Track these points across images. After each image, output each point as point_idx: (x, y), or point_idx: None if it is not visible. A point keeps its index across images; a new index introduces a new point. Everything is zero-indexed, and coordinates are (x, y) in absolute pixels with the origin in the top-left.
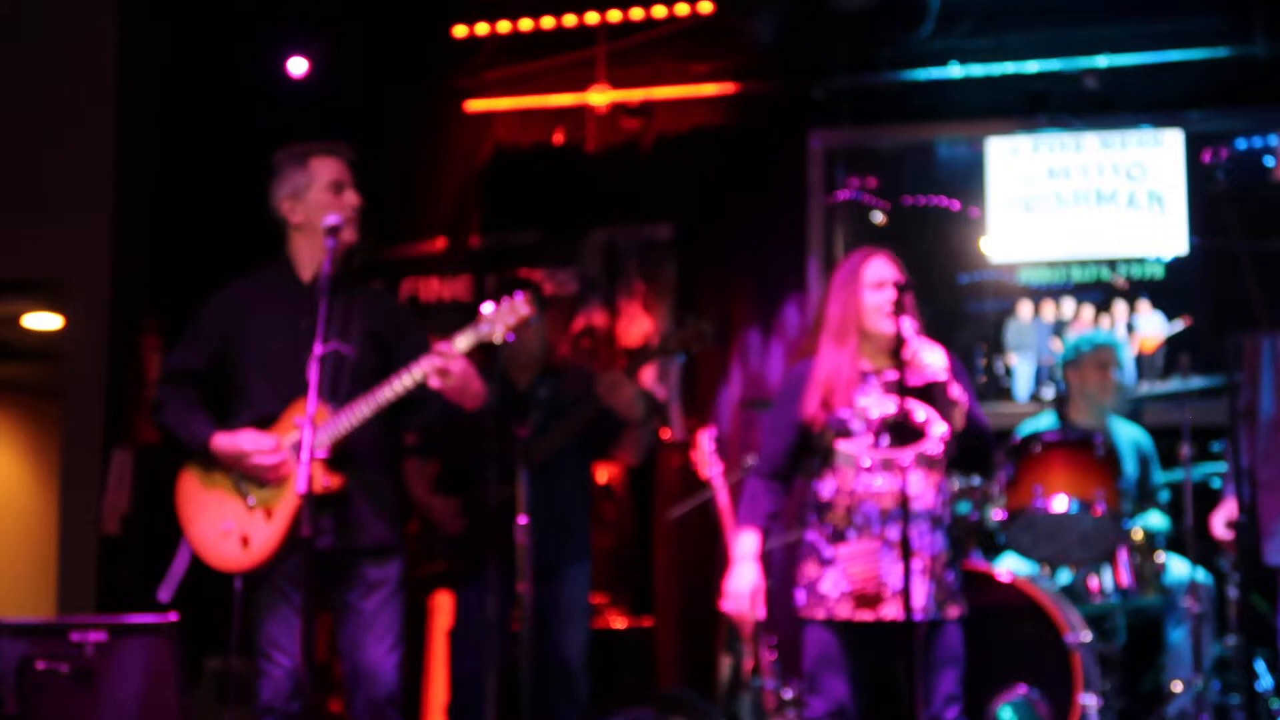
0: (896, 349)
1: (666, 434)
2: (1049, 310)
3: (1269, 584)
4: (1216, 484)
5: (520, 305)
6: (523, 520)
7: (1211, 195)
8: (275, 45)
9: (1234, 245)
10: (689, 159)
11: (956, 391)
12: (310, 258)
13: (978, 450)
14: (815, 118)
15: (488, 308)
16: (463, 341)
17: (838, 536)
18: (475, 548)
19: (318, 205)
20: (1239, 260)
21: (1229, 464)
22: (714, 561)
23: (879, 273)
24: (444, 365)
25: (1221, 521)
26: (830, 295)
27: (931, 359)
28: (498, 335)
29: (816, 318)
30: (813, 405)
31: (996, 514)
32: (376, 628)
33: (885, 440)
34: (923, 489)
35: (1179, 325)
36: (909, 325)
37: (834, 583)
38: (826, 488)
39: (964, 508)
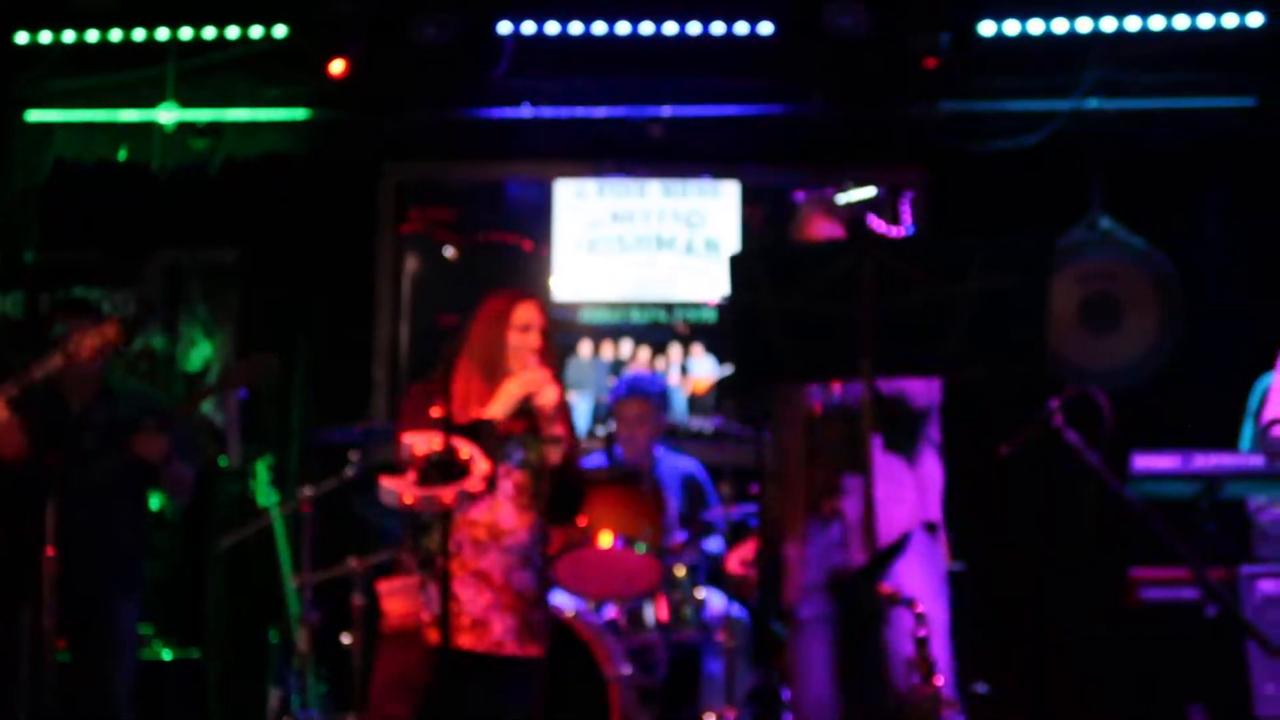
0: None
1: (224, 462)
2: (608, 350)
3: None
4: (754, 524)
5: (108, 330)
6: (50, 551)
7: (737, 253)
8: None
9: (761, 299)
10: (258, 183)
11: (559, 429)
12: None
13: (566, 493)
14: (388, 149)
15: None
16: (49, 364)
17: (427, 563)
18: (10, 576)
19: None
20: (764, 314)
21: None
22: (268, 591)
23: (525, 315)
24: None
25: (737, 559)
26: (475, 330)
27: (547, 395)
28: (81, 357)
29: (456, 347)
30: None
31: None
32: None
33: (431, 477)
34: (515, 524)
35: (728, 369)
36: (534, 363)
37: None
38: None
39: None
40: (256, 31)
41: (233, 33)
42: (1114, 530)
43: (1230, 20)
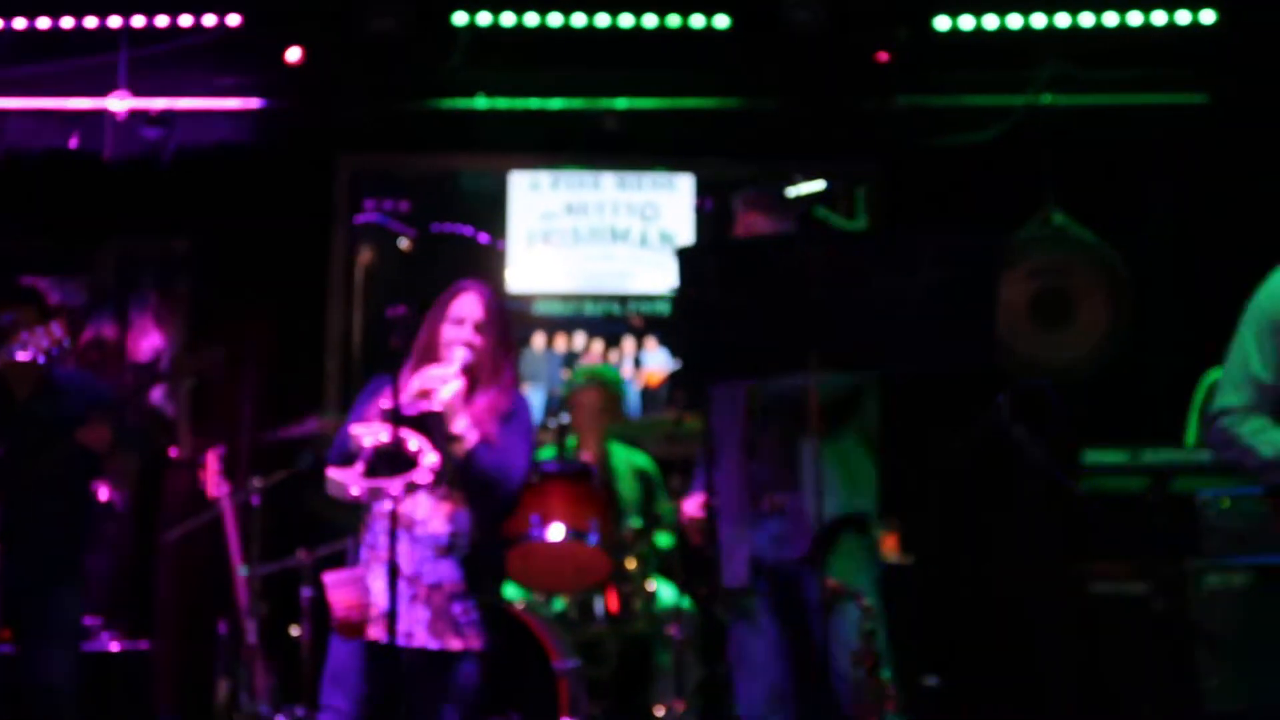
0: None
1: (174, 452)
2: (561, 342)
3: None
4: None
5: (55, 330)
6: None
7: (685, 247)
8: None
9: (708, 294)
10: (211, 173)
11: (460, 426)
12: None
13: (477, 490)
14: (342, 140)
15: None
16: None
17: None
18: None
19: None
20: (713, 307)
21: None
22: (218, 581)
23: (460, 308)
24: None
25: (694, 504)
26: (425, 321)
27: (444, 391)
28: (27, 356)
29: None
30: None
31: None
32: None
33: (378, 469)
34: (429, 515)
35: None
36: (461, 356)
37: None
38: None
39: None
40: (210, 20)
41: (186, 21)
42: (1063, 524)
43: (1183, 17)
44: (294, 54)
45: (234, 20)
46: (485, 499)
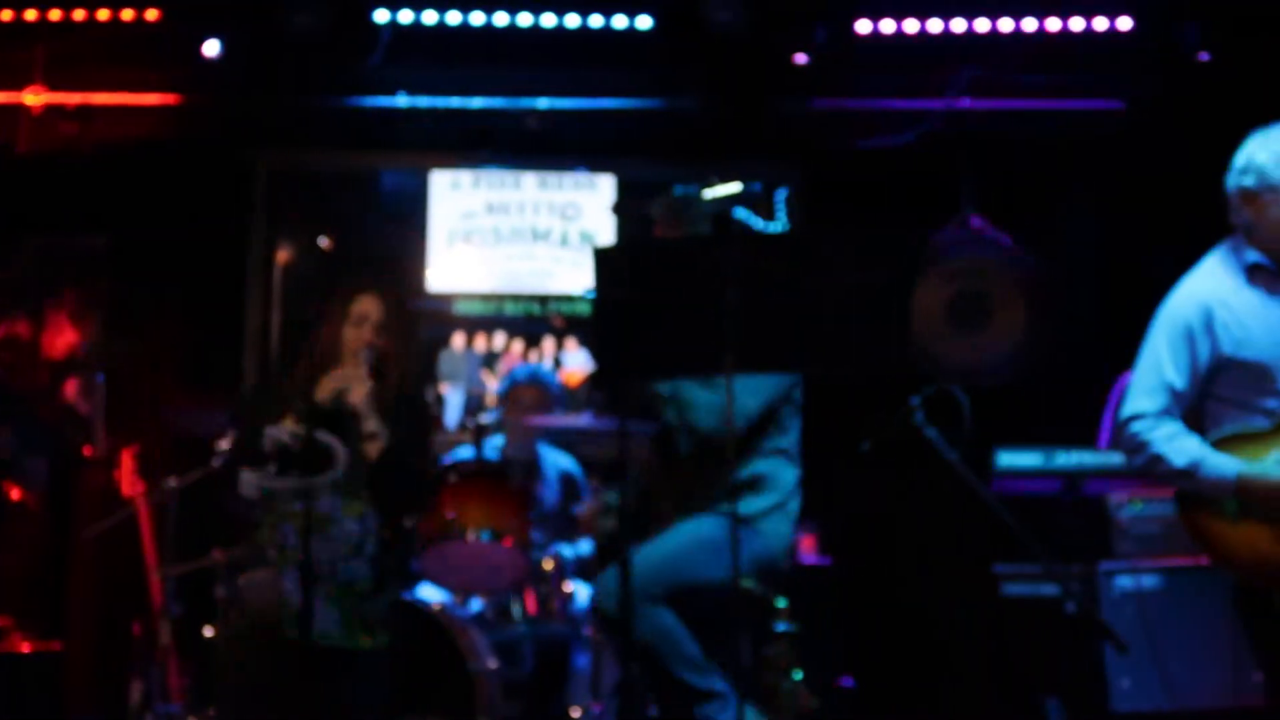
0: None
1: (88, 451)
2: (481, 342)
3: None
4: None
5: None
6: None
7: (602, 247)
8: None
9: (626, 294)
10: (128, 168)
11: (372, 425)
12: None
13: (390, 489)
14: (261, 136)
15: None
16: None
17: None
18: None
19: None
20: (630, 309)
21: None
22: (132, 581)
23: (360, 310)
24: None
25: (589, 510)
26: (323, 320)
27: (356, 390)
28: None
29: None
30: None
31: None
32: None
33: (291, 469)
34: (339, 514)
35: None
36: (368, 357)
37: None
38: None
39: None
40: (128, 14)
41: (103, 15)
42: (977, 527)
43: (1100, 24)
44: (213, 49)
45: (152, 15)
46: (393, 498)
